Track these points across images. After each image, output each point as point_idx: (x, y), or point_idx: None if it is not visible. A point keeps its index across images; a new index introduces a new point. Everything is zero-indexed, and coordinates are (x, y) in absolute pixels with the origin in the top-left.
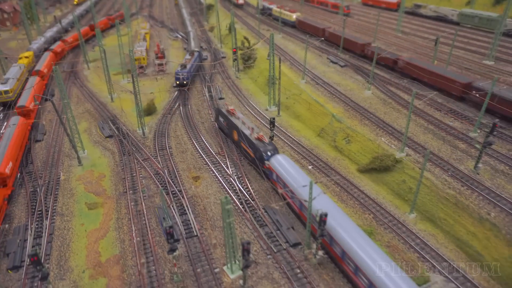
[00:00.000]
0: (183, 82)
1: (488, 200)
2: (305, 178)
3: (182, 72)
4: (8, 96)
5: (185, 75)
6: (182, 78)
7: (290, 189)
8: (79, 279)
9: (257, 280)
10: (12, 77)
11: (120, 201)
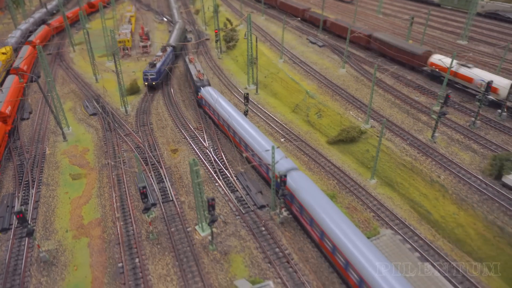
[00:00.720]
0: (151, 83)
1: (439, 165)
2: (229, 105)
3: (150, 72)
4: None
5: (154, 75)
6: (150, 79)
7: (216, 112)
8: (63, 239)
9: (226, 237)
10: None
11: (102, 172)
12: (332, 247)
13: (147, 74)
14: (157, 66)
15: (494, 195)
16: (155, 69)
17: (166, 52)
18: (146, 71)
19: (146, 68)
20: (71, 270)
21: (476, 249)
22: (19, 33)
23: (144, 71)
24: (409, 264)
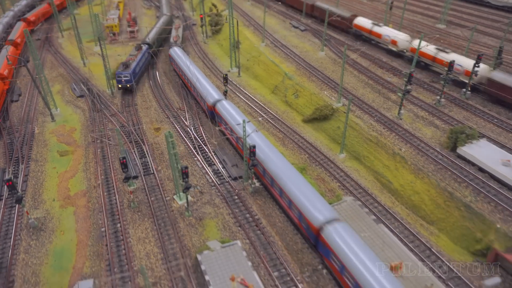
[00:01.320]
0: (125, 85)
1: (402, 139)
2: (190, 62)
3: (124, 74)
4: None
5: (128, 77)
6: (124, 81)
7: (181, 70)
8: (51, 208)
9: (201, 205)
10: None
11: (88, 149)
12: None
13: (120, 76)
14: (131, 66)
15: (447, 165)
16: (129, 70)
17: (141, 50)
18: (119, 72)
19: (118, 69)
20: (58, 234)
21: (429, 213)
22: (3, 25)
23: (117, 72)
24: (364, 225)
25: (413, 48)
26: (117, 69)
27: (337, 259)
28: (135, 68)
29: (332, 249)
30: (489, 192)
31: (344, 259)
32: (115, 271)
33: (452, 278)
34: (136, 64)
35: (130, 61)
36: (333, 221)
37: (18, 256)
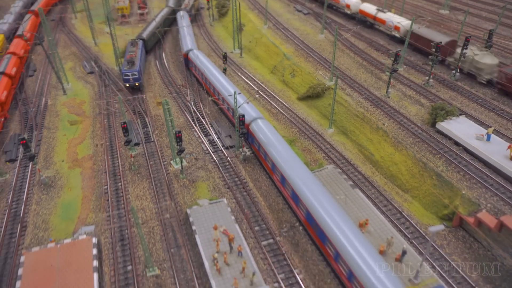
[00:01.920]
0: (134, 84)
1: (386, 115)
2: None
3: (132, 72)
4: None
5: (136, 74)
6: (133, 79)
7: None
8: (60, 168)
9: (195, 169)
10: None
11: (96, 119)
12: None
13: (128, 74)
14: (136, 63)
15: (425, 139)
16: (136, 67)
17: (138, 46)
18: (126, 70)
19: (124, 67)
20: (66, 190)
21: (405, 182)
22: (12, 18)
23: (123, 70)
24: (341, 189)
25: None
26: (122, 67)
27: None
28: (140, 64)
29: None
30: (460, 163)
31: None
32: (114, 221)
33: (417, 237)
34: (139, 60)
35: (133, 58)
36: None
37: (30, 207)
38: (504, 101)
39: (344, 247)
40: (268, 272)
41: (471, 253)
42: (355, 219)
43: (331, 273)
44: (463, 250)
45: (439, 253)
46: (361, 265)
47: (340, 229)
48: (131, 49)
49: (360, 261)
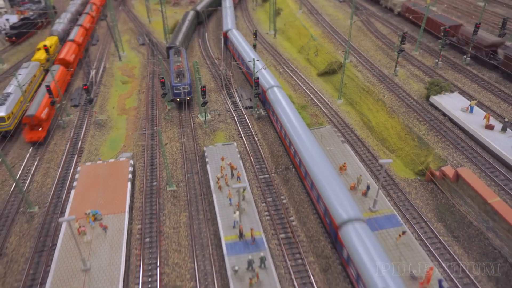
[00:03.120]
0: (186, 98)
1: (388, 89)
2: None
3: (183, 86)
4: (3, 125)
5: (187, 88)
6: (184, 93)
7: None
8: (111, 114)
9: (217, 122)
10: (14, 93)
11: (143, 81)
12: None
13: (179, 88)
14: (186, 75)
15: (417, 109)
16: (186, 80)
17: (182, 55)
18: (176, 84)
19: (173, 80)
20: (113, 130)
21: (392, 144)
22: (69, 16)
23: (174, 84)
24: (333, 143)
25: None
26: (171, 81)
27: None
28: (189, 76)
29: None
30: (441, 129)
31: None
32: (147, 153)
33: (390, 185)
34: (188, 71)
35: (181, 69)
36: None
37: (86, 139)
38: (506, 84)
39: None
40: (259, 195)
41: (434, 200)
42: (337, 165)
43: (309, 201)
44: (428, 197)
45: (407, 200)
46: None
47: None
48: (176, 59)
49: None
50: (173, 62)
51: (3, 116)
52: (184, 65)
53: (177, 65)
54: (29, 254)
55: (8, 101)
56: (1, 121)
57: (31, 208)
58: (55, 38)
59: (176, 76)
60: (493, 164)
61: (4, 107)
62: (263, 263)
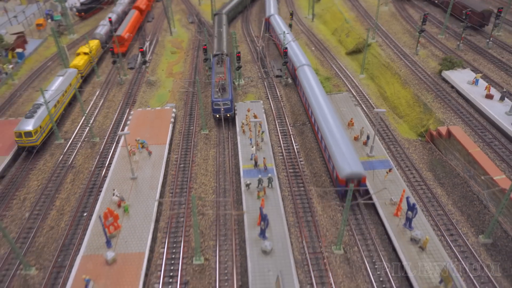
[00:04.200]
0: (226, 115)
1: (406, 65)
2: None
3: (224, 102)
4: (30, 140)
5: (228, 104)
6: (224, 109)
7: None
8: (160, 76)
9: (249, 87)
10: (43, 105)
11: (189, 52)
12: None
13: (219, 103)
14: (227, 89)
15: (428, 82)
16: (228, 96)
17: (225, 64)
18: (216, 99)
19: (213, 95)
20: (161, 88)
21: (402, 110)
22: (114, 17)
23: (214, 99)
24: (346, 105)
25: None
26: (211, 95)
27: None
28: (231, 91)
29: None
30: (445, 98)
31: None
32: (188, 106)
33: (391, 141)
34: (230, 85)
35: (223, 82)
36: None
37: (138, 93)
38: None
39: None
40: (276, 141)
41: (429, 156)
42: (347, 122)
43: (318, 149)
44: (424, 154)
45: (404, 154)
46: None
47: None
48: (219, 70)
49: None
50: (215, 73)
51: (30, 130)
52: (226, 78)
53: (218, 77)
54: (91, 168)
55: (37, 114)
56: (28, 136)
57: (94, 138)
58: (96, 42)
59: (218, 90)
60: (485, 126)
61: (32, 120)
62: (271, 183)
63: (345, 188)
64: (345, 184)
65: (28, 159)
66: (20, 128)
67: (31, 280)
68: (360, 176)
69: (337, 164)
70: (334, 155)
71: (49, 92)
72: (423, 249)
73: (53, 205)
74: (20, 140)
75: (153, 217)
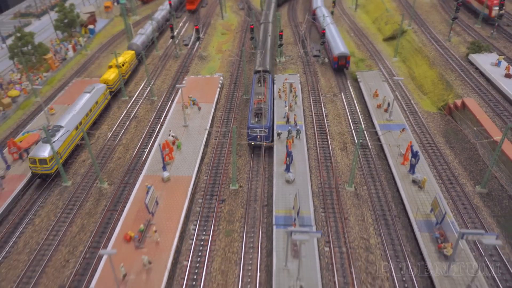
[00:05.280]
0: (261, 143)
1: (435, 49)
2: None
3: (260, 129)
4: (44, 168)
5: (267, 132)
6: (261, 137)
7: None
8: (210, 52)
9: (289, 64)
10: (65, 127)
11: (237, 34)
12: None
13: (255, 130)
14: (267, 115)
15: (454, 63)
16: (266, 122)
17: (267, 84)
18: (253, 125)
19: (251, 119)
20: (211, 62)
21: (426, 88)
22: (150, 29)
23: (250, 125)
24: (375, 81)
25: None
26: (248, 120)
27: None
28: (270, 115)
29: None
30: (467, 76)
31: None
32: (233, 76)
33: (412, 113)
34: (270, 109)
35: (262, 105)
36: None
37: (191, 65)
38: None
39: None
40: (308, 107)
41: (445, 126)
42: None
43: (345, 115)
44: (441, 124)
45: (422, 122)
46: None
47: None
48: (259, 90)
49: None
50: (254, 93)
51: (45, 158)
52: (266, 100)
53: (257, 99)
54: (150, 118)
55: (56, 137)
56: (42, 163)
57: (153, 97)
58: (131, 53)
59: (255, 115)
60: (499, 100)
61: (49, 146)
62: (298, 135)
63: (337, 63)
64: (337, 60)
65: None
66: (35, 154)
67: (105, 191)
68: (346, 55)
69: (332, 49)
70: (331, 45)
71: (74, 110)
72: (421, 188)
73: (120, 142)
74: (34, 167)
75: (200, 154)
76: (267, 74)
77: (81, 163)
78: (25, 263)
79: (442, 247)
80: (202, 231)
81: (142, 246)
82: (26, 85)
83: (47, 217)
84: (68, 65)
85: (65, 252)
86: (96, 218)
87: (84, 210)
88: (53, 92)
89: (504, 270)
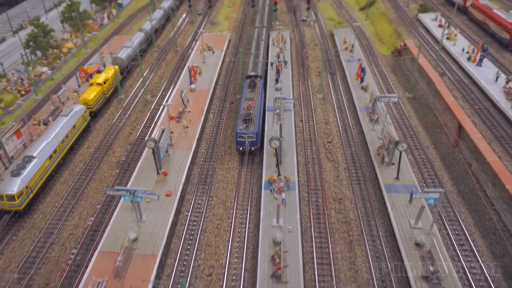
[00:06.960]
0: (250, 149)
1: (395, 12)
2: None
3: (247, 135)
4: (12, 205)
5: (254, 137)
6: (249, 143)
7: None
8: (220, 19)
9: (282, 26)
10: (37, 158)
11: (241, 6)
12: None
13: (243, 135)
14: (255, 120)
15: (405, 21)
16: (254, 128)
17: (257, 87)
18: (241, 131)
19: (239, 125)
20: (220, 26)
21: (384, 39)
22: (138, 40)
23: (238, 131)
24: (345, 34)
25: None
26: (236, 125)
27: None
28: (258, 122)
29: None
30: (414, 29)
31: None
32: (238, 35)
33: (371, 55)
34: (259, 114)
35: (250, 111)
36: None
37: (205, 28)
38: None
39: None
40: (295, 52)
41: (393, 62)
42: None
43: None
44: (390, 61)
45: (377, 60)
46: None
47: None
48: (249, 95)
49: None
50: (244, 99)
51: (13, 194)
52: (255, 106)
53: (247, 105)
54: (167, 72)
55: (26, 170)
56: (10, 200)
57: (177, 47)
58: (115, 68)
59: (243, 120)
60: (430, 42)
61: (18, 180)
62: (286, 64)
63: None
64: None
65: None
66: (2, 190)
67: (149, 100)
68: None
69: None
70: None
71: (48, 138)
72: (365, 90)
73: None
74: (1, 203)
75: (215, 77)
76: (258, 80)
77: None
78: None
79: (373, 117)
80: (218, 118)
81: (181, 121)
82: (77, 41)
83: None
84: (105, 29)
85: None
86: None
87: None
88: (97, 46)
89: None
